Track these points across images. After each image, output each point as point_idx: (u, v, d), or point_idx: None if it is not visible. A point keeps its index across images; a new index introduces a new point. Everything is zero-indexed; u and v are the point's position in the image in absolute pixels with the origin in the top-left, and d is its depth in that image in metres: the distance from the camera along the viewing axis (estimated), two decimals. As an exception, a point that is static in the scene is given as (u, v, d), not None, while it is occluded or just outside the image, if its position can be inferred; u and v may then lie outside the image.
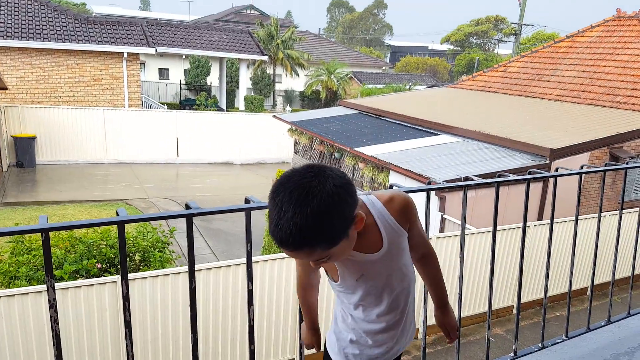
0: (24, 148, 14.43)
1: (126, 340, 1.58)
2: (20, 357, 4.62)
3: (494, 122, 11.26)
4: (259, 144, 18.23)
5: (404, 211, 1.39)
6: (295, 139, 15.55)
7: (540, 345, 2.47)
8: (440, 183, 2.05)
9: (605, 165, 2.63)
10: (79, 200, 12.20)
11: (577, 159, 9.36)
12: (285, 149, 18.30)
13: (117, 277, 4.98)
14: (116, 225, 1.52)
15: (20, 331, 4.59)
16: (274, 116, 16.56)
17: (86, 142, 15.74)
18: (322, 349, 1.56)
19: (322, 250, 1.10)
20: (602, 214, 8.42)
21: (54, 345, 1.52)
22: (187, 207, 1.57)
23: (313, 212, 1.05)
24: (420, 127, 11.98)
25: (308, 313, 1.61)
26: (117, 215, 1.53)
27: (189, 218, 1.55)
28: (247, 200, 1.64)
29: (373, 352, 1.41)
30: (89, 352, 4.91)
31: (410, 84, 30.34)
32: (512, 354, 2.39)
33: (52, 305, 1.51)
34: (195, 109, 22.83)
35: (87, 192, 12.90)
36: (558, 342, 2.53)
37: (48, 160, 15.33)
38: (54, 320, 1.51)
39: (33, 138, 14.59)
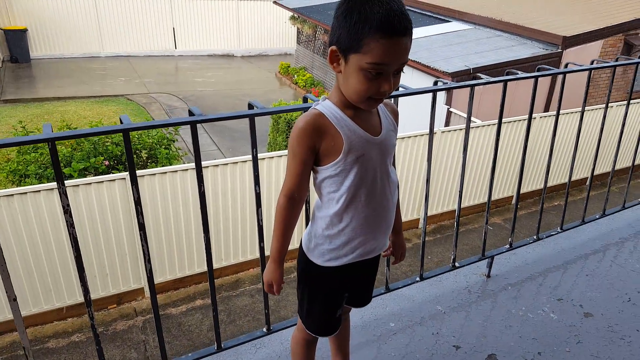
0: (16, 42, 13.93)
1: (141, 241, 1.66)
2: (40, 252, 4.90)
3: (506, 7, 10.65)
4: (260, 34, 17.47)
5: (396, 117, 1.40)
6: (297, 28, 14.88)
7: (535, 237, 2.59)
8: (447, 83, 2.00)
9: (617, 60, 2.54)
10: (80, 97, 12.07)
11: (590, 47, 9.00)
12: (288, 39, 17.58)
13: (126, 174, 5.09)
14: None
15: (37, 228, 4.81)
16: (275, 2, 15.67)
17: (80, 34, 15.15)
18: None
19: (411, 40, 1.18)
20: (610, 104, 8.29)
21: (72, 247, 1.60)
22: (191, 113, 1.55)
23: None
24: (430, 13, 11.38)
25: (286, 240, 1.37)
26: (121, 122, 1.52)
27: (193, 125, 1.54)
28: (250, 106, 1.62)
29: (349, 248, 1.38)
30: (106, 248, 5.20)
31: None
32: (507, 246, 2.52)
33: (67, 211, 1.56)
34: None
35: (87, 88, 12.71)
36: (553, 235, 2.65)
37: (43, 54, 14.88)
38: (70, 225, 1.57)
39: (24, 31, 14.01)
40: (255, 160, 1.72)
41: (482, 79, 2.03)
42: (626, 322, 2.17)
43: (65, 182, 4.91)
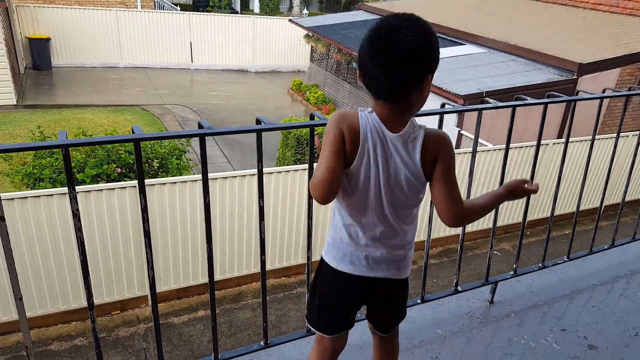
0: (39, 50, 14.27)
1: (145, 248, 1.68)
2: (50, 255, 4.95)
3: (522, 32, 10.69)
4: (275, 51, 17.71)
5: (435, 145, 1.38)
6: (312, 46, 15.05)
7: (540, 265, 2.57)
8: (454, 105, 2.02)
9: (630, 89, 2.54)
10: (97, 105, 12.27)
11: (606, 75, 8.96)
12: (301, 57, 17.78)
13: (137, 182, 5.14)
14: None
15: (48, 231, 4.87)
16: (290, 20, 15.90)
17: (100, 44, 15.48)
18: None
19: None
20: (625, 133, 8.21)
21: (79, 250, 1.63)
22: (200, 126, 1.58)
23: None
24: (445, 36, 11.45)
25: None
26: (133, 132, 1.56)
27: (202, 137, 1.57)
28: (258, 121, 1.65)
29: (349, 251, 1.44)
30: (114, 255, 5.23)
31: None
32: (512, 272, 2.49)
33: (76, 215, 1.59)
34: (209, 11, 21.97)
35: (104, 97, 12.93)
36: (559, 263, 2.62)
37: (63, 62, 15.21)
38: (78, 229, 1.59)
39: (47, 40, 14.36)
40: (260, 175, 1.74)
41: (490, 103, 2.04)
42: (632, 357, 2.13)
43: (78, 187, 4.98)
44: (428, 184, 1.39)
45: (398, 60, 1.22)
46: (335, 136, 1.30)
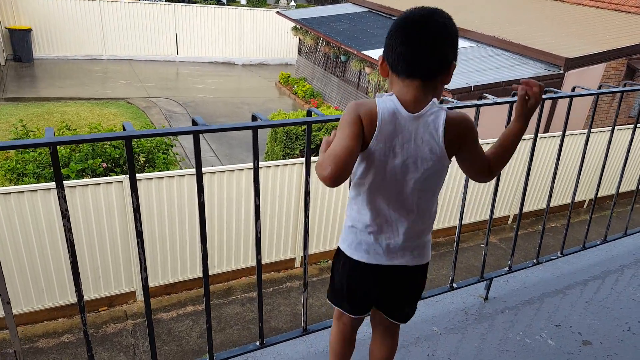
0: (20, 41, 13.94)
1: (138, 249, 1.63)
2: (34, 251, 4.85)
3: (510, 26, 10.73)
4: (262, 44, 17.56)
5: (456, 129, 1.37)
6: (299, 39, 14.94)
7: (534, 261, 2.57)
8: (453, 102, 1.99)
9: (625, 85, 2.54)
10: (80, 98, 12.05)
11: (593, 70, 9.05)
12: (289, 50, 17.66)
13: (123, 177, 5.06)
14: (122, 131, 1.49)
15: (32, 227, 4.76)
16: (278, 12, 15.76)
17: (84, 36, 15.18)
18: None
19: None
20: (608, 128, 8.28)
21: (69, 252, 1.57)
22: (194, 123, 1.53)
23: None
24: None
25: None
26: (124, 129, 1.50)
27: (196, 135, 1.52)
28: (254, 118, 1.60)
29: (365, 239, 1.42)
30: (100, 250, 5.14)
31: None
32: (506, 269, 2.49)
33: (65, 216, 1.53)
34: (195, 2, 21.67)
35: (88, 89, 12.70)
36: (553, 259, 2.63)
37: (46, 54, 14.89)
38: (68, 230, 1.54)
39: (29, 30, 14.03)
40: (256, 172, 1.69)
41: (488, 98, 2.02)
42: (626, 353, 2.14)
43: (63, 183, 4.86)
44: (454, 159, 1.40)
45: (432, 38, 1.26)
46: (353, 119, 1.28)
